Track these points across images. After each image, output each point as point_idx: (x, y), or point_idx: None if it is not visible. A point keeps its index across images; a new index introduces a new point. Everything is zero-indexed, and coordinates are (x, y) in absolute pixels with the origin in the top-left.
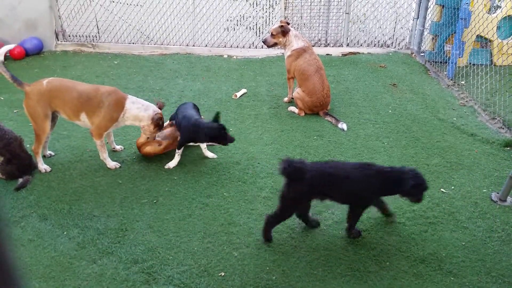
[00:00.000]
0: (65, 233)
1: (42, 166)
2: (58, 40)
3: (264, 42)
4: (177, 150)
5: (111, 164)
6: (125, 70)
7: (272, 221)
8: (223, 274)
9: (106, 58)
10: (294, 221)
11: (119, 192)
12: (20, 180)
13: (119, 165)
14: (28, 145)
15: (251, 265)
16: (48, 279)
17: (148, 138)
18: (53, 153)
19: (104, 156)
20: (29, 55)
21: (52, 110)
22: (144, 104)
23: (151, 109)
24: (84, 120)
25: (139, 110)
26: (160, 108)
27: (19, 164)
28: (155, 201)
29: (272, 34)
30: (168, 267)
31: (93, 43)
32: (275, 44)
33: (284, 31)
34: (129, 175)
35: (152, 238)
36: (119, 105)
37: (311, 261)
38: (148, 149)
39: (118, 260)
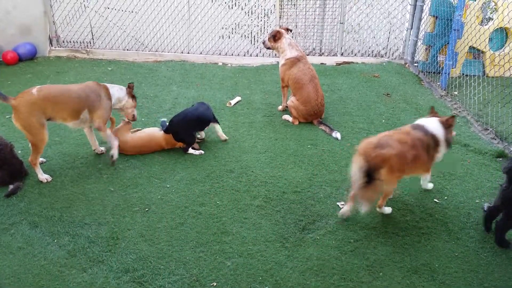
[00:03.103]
0: (55, 241)
1: (43, 176)
2: (52, 45)
3: (263, 43)
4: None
5: (116, 154)
6: (119, 76)
7: (504, 227)
8: (215, 284)
9: (100, 64)
10: (287, 230)
11: (111, 200)
12: (11, 186)
13: (117, 156)
14: (19, 151)
15: (244, 275)
16: None
17: (128, 121)
18: (44, 160)
19: (116, 143)
20: (22, 60)
21: (47, 118)
22: (116, 86)
23: (123, 87)
24: (84, 116)
25: (119, 93)
26: (131, 88)
27: (10, 171)
28: (147, 209)
29: (268, 38)
30: (160, 276)
31: (87, 49)
32: (270, 48)
33: (274, 35)
34: (121, 182)
35: (143, 247)
36: (109, 94)
37: (304, 271)
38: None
39: (109, 269)
